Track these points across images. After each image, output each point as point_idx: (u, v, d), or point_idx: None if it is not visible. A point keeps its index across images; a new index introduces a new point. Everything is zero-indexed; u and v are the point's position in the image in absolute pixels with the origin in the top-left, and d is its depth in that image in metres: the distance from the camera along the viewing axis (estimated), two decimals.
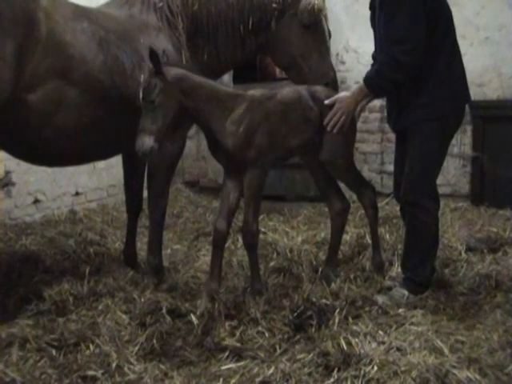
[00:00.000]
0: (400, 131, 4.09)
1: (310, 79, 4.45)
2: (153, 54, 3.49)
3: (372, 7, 4.12)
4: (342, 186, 4.36)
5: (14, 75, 3.41)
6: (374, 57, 4.24)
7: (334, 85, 4.56)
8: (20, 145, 3.82)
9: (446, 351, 3.13)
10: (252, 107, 3.81)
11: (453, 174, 6.84)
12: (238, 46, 4.53)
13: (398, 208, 4.44)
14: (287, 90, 4.10)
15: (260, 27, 4.50)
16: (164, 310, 3.63)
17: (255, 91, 3.98)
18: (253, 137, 3.77)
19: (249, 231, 3.88)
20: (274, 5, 4.48)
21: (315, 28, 4.56)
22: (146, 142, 3.49)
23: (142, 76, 3.82)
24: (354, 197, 4.52)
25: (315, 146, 4.07)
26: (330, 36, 4.74)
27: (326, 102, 4.00)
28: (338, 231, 4.37)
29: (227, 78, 7.40)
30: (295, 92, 4.06)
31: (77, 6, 3.89)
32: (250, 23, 4.45)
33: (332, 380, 2.90)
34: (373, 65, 4.16)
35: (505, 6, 6.66)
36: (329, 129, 3.97)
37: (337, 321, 3.47)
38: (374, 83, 3.88)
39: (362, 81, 3.98)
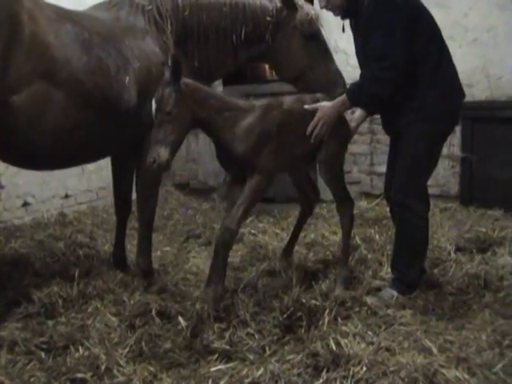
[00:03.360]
0: (393, 134, 4.11)
1: (320, 89, 4.41)
2: (175, 63, 3.45)
3: (351, 28, 4.14)
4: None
5: None
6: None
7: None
8: (6, 148, 3.79)
9: (435, 351, 3.16)
10: (263, 117, 3.80)
11: (442, 174, 6.85)
12: (229, 55, 4.54)
13: (387, 209, 4.44)
14: (293, 100, 4.08)
15: (253, 38, 4.52)
16: (153, 312, 3.63)
17: (263, 101, 3.98)
18: (263, 145, 3.75)
19: (229, 229, 3.72)
20: (268, 18, 4.50)
21: (316, 37, 4.59)
22: (162, 153, 3.41)
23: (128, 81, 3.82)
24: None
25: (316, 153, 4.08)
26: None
27: (306, 106, 3.99)
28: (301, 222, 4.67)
29: None
30: (301, 102, 4.04)
31: (60, 8, 3.88)
32: (243, 34, 4.46)
33: (321, 380, 2.92)
34: None
35: (493, 7, 6.67)
36: (312, 140, 3.95)
37: (326, 321, 3.49)
38: (355, 97, 3.90)
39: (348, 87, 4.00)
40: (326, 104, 4.00)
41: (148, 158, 3.43)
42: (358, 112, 4.29)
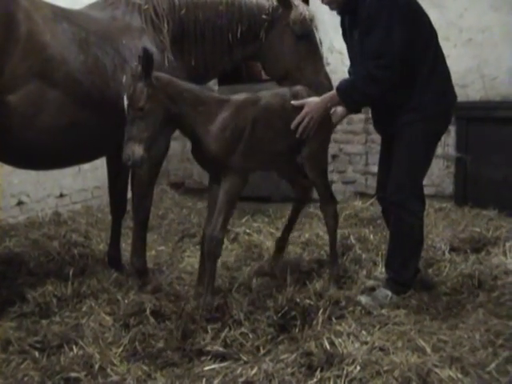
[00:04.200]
0: (387, 133, 4.11)
1: None
2: (146, 56, 3.34)
3: (342, 25, 4.14)
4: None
5: None
6: (349, 72, 4.24)
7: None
8: (2, 148, 3.78)
9: (429, 350, 3.16)
10: (237, 113, 3.72)
11: (437, 174, 6.87)
12: (225, 53, 4.54)
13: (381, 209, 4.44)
14: (271, 95, 4.03)
15: (249, 37, 4.52)
16: (148, 312, 3.62)
17: (240, 96, 3.88)
18: (237, 143, 3.68)
19: (214, 238, 3.69)
20: (264, 16, 4.50)
21: (308, 38, 4.57)
22: (136, 151, 3.36)
23: (125, 80, 3.80)
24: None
25: (299, 148, 4.04)
26: (321, 44, 4.74)
27: (293, 102, 3.95)
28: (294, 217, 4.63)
29: None
30: (280, 97, 4.01)
31: (57, 7, 3.87)
32: (239, 32, 4.46)
33: (315, 380, 2.91)
34: None
35: (488, 7, 6.70)
36: (297, 135, 3.93)
37: (320, 321, 3.49)
38: (347, 94, 3.88)
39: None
40: (313, 99, 3.98)
41: (123, 156, 3.40)
42: (340, 108, 4.20)
